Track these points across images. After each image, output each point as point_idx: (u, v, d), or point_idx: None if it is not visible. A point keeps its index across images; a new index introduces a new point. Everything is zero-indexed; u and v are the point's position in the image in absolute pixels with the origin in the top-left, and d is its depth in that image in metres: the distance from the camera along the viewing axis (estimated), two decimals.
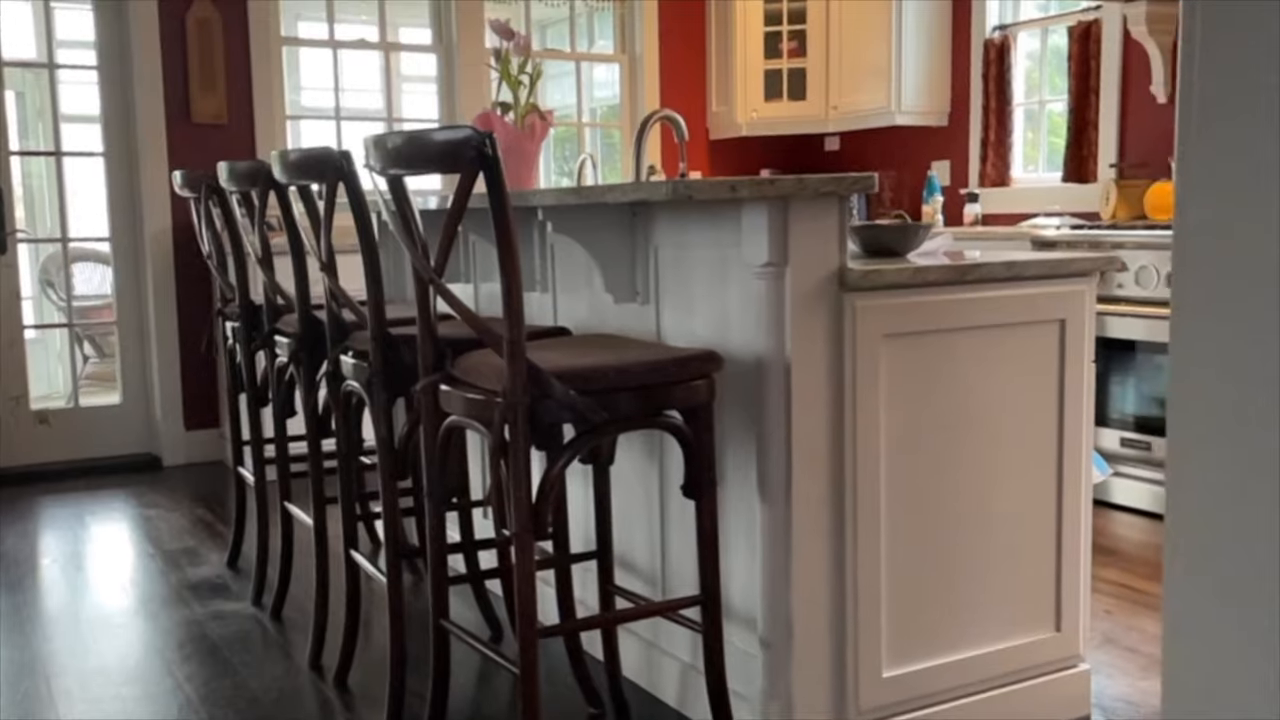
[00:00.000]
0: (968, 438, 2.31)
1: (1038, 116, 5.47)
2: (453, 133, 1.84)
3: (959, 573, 2.34)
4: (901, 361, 2.22)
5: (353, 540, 2.72)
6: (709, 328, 2.38)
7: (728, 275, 2.30)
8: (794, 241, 2.10)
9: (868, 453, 2.20)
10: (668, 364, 2.02)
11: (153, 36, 5.05)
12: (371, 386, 2.41)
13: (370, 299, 2.37)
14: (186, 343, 5.25)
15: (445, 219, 1.90)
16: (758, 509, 2.21)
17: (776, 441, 2.15)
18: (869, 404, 2.18)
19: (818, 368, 2.14)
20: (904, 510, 2.26)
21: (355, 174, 2.34)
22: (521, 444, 1.92)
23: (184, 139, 5.15)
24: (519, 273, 1.89)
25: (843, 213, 2.14)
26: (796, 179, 2.04)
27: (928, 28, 5.63)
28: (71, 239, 5.36)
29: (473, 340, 2.34)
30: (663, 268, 2.53)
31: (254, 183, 2.84)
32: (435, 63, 5.84)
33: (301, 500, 3.88)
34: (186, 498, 4.70)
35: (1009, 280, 2.30)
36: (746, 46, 6.07)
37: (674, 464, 2.53)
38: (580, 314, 2.87)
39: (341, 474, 2.69)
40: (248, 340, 3.31)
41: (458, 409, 2.09)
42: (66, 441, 5.19)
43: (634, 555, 2.71)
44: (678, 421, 2.07)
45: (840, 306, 2.15)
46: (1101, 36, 4.91)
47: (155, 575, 3.66)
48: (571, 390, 1.93)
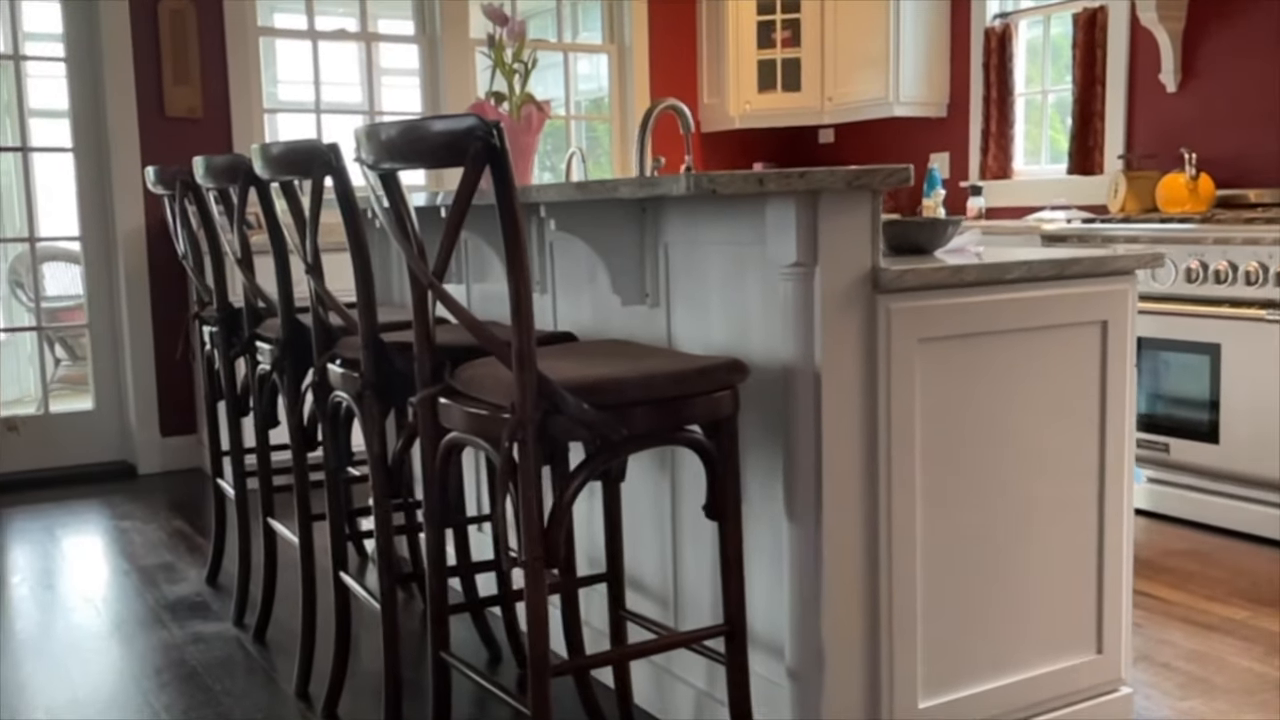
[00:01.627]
0: (1006, 449, 2.15)
1: (1040, 107, 5.32)
2: (455, 122, 1.66)
3: (998, 594, 2.18)
4: (937, 368, 2.05)
5: (342, 561, 2.54)
6: (726, 332, 2.21)
7: (747, 275, 2.14)
8: (824, 239, 1.93)
9: (902, 467, 2.03)
10: (690, 374, 1.85)
11: (123, 27, 4.84)
12: (363, 398, 2.23)
13: (361, 303, 2.19)
14: (161, 346, 5.04)
15: (447, 218, 1.72)
16: (784, 529, 2.04)
17: (805, 456, 1.98)
18: (903, 415, 2.02)
19: (849, 376, 1.97)
20: (940, 528, 2.10)
21: (344, 169, 2.16)
22: (532, 465, 1.74)
23: (157, 133, 4.94)
24: (528, 275, 1.71)
25: (876, 208, 1.98)
26: (828, 171, 1.87)
27: (926, 16, 5.48)
28: (40, 238, 5.15)
29: (472, 348, 2.16)
30: (674, 267, 2.36)
31: (233, 179, 2.65)
32: (417, 54, 5.65)
33: (285, 514, 3.69)
34: (163, 508, 4.50)
35: (1051, 280, 2.14)
36: (739, 36, 5.90)
37: (687, 478, 2.36)
38: (583, 317, 2.70)
39: (330, 490, 2.51)
40: (227, 346, 3.12)
41: (459, 424, 1.92)
42: (36, 450, 4.98)
43: (643, 575, 2.54)
44: (700, 437, 1.90)
45: (873, 309, 1.98)
46: (1108, 24, 4.76)
47: (130, 594, 3.47)
48: (585, 404, 1.76)
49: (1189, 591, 3.14)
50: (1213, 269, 3.66)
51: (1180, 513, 3.79)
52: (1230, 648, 2.76)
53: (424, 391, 2.01)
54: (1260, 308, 3.52)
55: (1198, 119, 4.48)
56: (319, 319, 2.47)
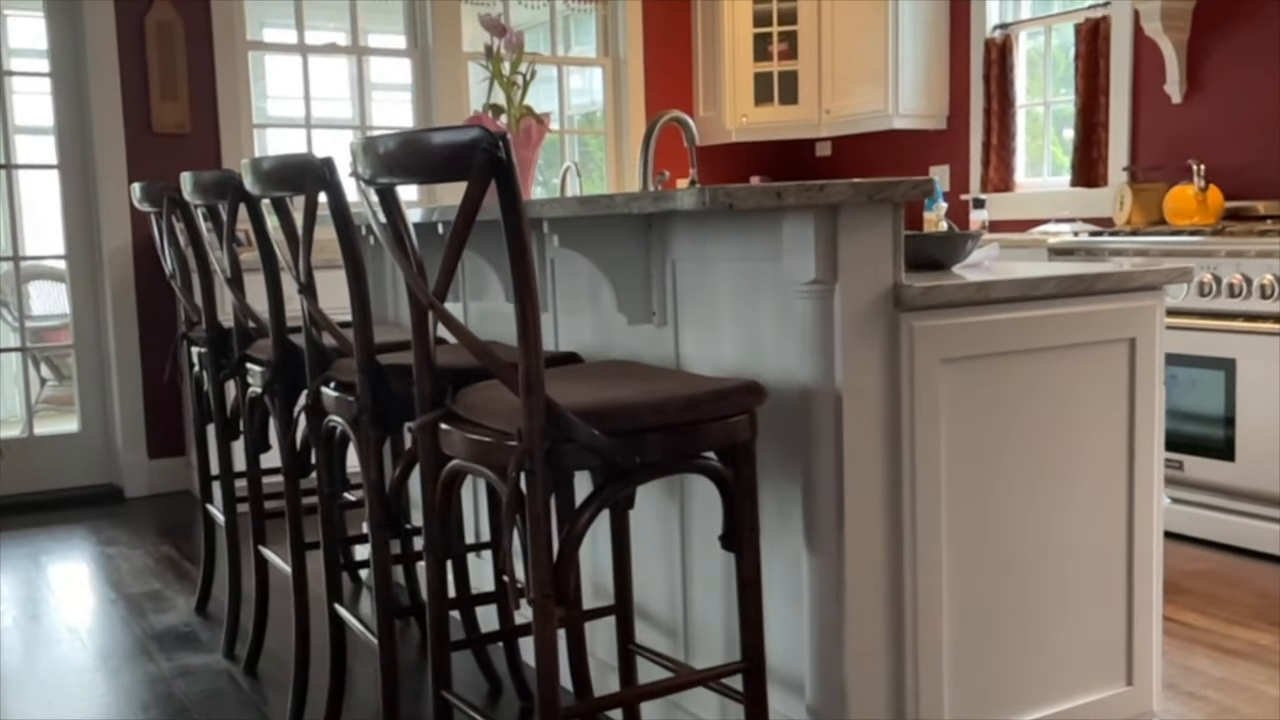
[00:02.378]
0: (1032, 473, 2.06)
1: (1041, 119, 5.25)
2: (458, 133, 1.57)
3: (1025, 624, 2.08)
4: (962, 390, 1.96)
5: (336, 592, 2.43)
6: (738, 353, 2.12)
7: (760, 293, 2.04)
8: (844, 255, 1.84)
9: (926, 494, 1.94)
10: (705, 397, 1.75)
11: (109, 40, 4.74)
12: (358, 423, 2.13)
13: (357, 325, 2.09)
14: (149, 366, 4.93)
15: (450, 234, 1.62)
16: (803, 559, 1.95)
17: (825, 483, 1.89)
18: (927, 438, 1.93)
19: (871, 398, 1.88)
20: (966, 557, 2.00)
21: (339, 184, 2.06)
22: (541, 496, 1.65)
23: (144, 149, 4.84)
24: (536, 294, 1.62)
25: (897, 222, 1.89)
26: (848, 183, 1.78)
27: (925, 27, 5.41)
28: (24, 256, 5.03)
29: (474, 370, 2.07)
30: (682, 285, 2.26)
31: (222, 195, 2.56)
32: (410, 68, 5.56)
33: (277, 540, 3.58)
34: (150, 532, 4.38)
35: (1078, 296, 2.05)
36: (735, 49, 5.82)
37: (697, 504, 2.26)
38: (585, 336, 2.60)
39: (323, 519, 2.41)
40: (216, 368, 3.02)
41: (461, 452, 1.82)
42: (20, 473, 4.86)
43: (651, 605, 2.43)
44: (715, 464, 1.80)
45: (895, 328, 1.89)
46: (1111, 34, 4.70)
47: (116, 624, 3.35)
48: (595, 431, 1.66)
49: (1211, 615, 3.05)
50: (1226, 282, 3.58)
51: (1196, 532, 3.70)
52: (1259, 675, 2.66)
53: (424, 417, 1.91)
54: (1275, 321, 3.44)
55: (1204, 130, 4.41)
56: (312, 340, 2.37)
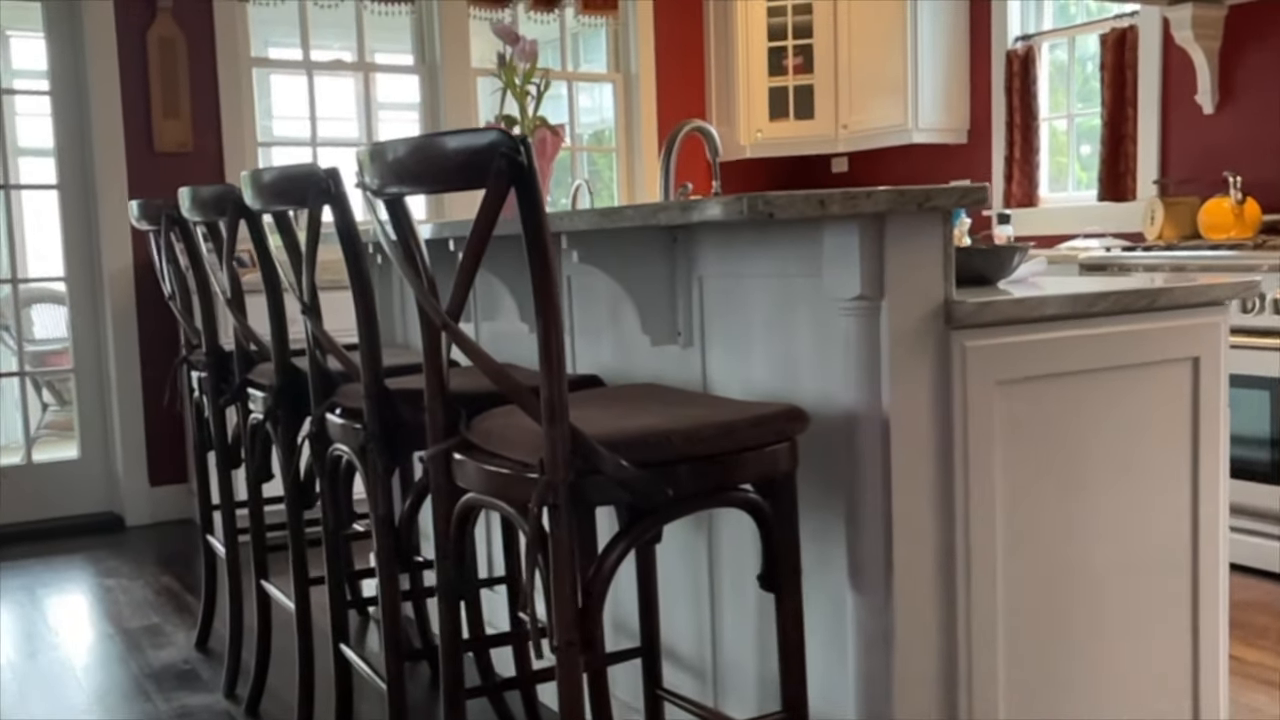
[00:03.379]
0: (1092, 504, 1.91)
1: (1065, 132, 5.12)
2: (474, 137, 1.43)
3: (1086, 664, 1.93)
4: (1017, 414, 1.81)
5: (342, 632, 2.28)
6: (771, 375, 1.97)
7: (796, 310, 1.90)
8: (891, 268, 1.70)
9: (981, 527, 1.79)
10: (742, 425, 1.61)
11: (110, 56, 4.62)
12: (366, 452, 1.99)
13: (364, 347, 1.95)
14: (150, 391, 4.79)
15: (466, 247, 1.48)
16: (848, 600, 1.80)
17: (872, 516, 1.74)
18: (982, 467, 1.78)
19: (921, 424, 1.73)
20: (1024, 594, 1.85)
21: (344, 196, 1.93)
22: (566, 533, 1.50)
23: (146, 169, 4.72)
24: (559, 312, 1.48)
25: (948, 233, 1.74)
26: (896, 190, 1.64)
27: (944, 39, 5.28)
28: (22, 279, 4.91)
29: (490, 395, 1.92)
30: (710, 303, 2.12)
31: (221, 211, 2.42)
32: (417, 85, 5.44)
33: (280, 573, 3.43)
34: (151, 563, 4.24)
35: (1140, 312, 1.90)
36: (749, 63, 5.70)
37: (727, 535, 2.11)
38: (604, 358, 2.46)
39: (328, 554, 2.26)
40: (216, 393, 2.88)
41: (477, 484, 1.68)
42: (18, 501, 4.72)
43: (677, 643, 2.28)
44: (753, 497, 1.66)
45: (946, 348, 1.75)
46: (1138, 44, 4.56)
47: (114, 661, 3.20)
48: (624, 462, 1.52)
49: (1264, 649, 2.89)
50: (1270, 298, 3.43)
51: (1241, 559, 3.54)
52: None
53: (436, 446, 1.77)
54: None
55: (1237, 141, 4.27)
56: (316, 363, 2.24)
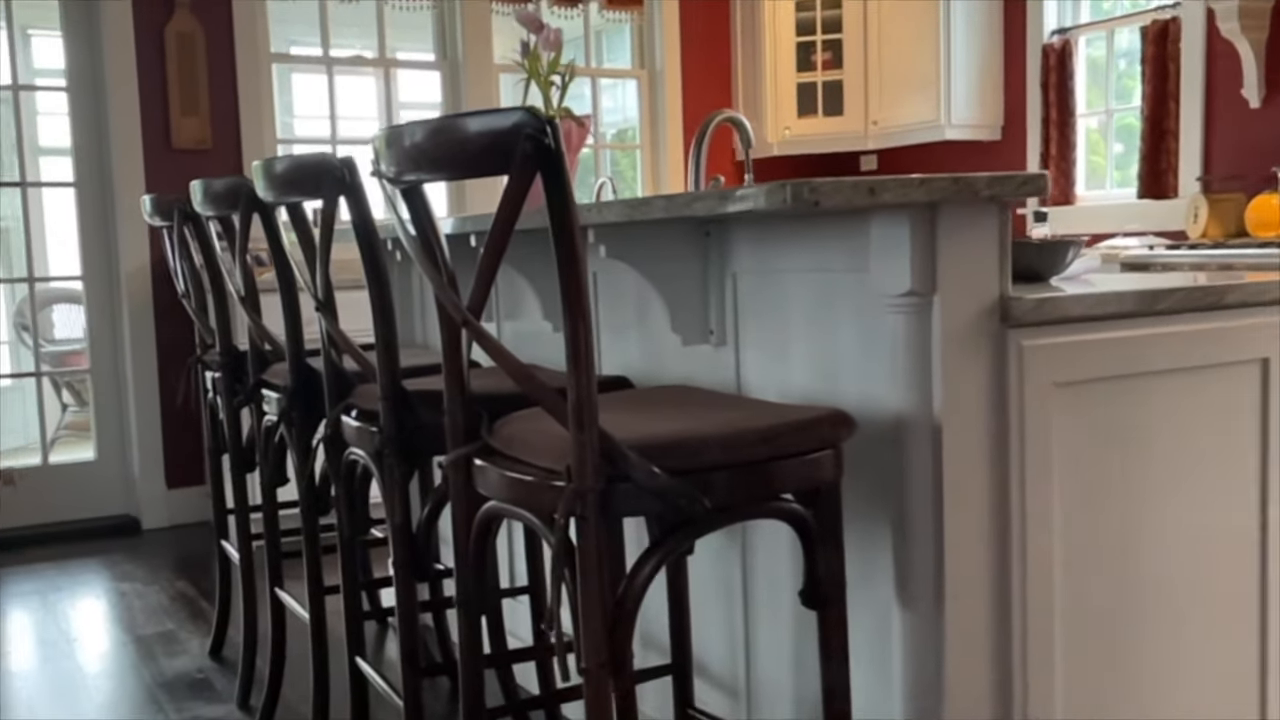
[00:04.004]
0: (1155, 511, 1.79)
1: (1103, 128, 4.98)
2: (498, 118, 1.33)
3: (1148, 684, 1.81)
4: (1077, 418, 1.69)
5: (358, 644, 2.18)
6: (810, 377, 1.86)
7: (838, 307, 1.79)
8: (944, 262, 1.58)
9: (1038, 538, 1.67)
10: (784, 430, 1.50)
11: (127, 51, 4.55)
12: (382, 457, 1.89)
13: (380, 348, 1.85)
14: (167, 391, 4.72)
15: (488, 238, 1.38)
16: (895, 616, 1.68)
17: (920, 527, 1.63)
18: (1039, 475, 1.66)
19: (974, 428, 1.62)
20: (1084, 609, 1.73)
21: (360, 186, 1.83)
22: (595, 546, 1.39)
23: (163, 166, 4.64)
24: (588, 309, 1.37)
25: (1005, 224, 1.63)
26: (952, 178, 1.52)
27: (978, 33, 5.15)
28: (39, 278, 4.85)
29: (513, 398, 1.82)
30: (744, 300, 2.01)
31: (234, 204, 2.33)
32: (439, 82, 5.35)
33: (296, 578, 3.34)
34: (166, 567, 4.16)
35: (1207, 310, 1.78)
36: (777, 59, 5.58)
37: (762, 544, 2.00)
38: (631, 358, 2.35)
39: (343, 563, 2.16)
40: (230, 394, 2.79)
41: (499, 492, 1.57)
42: (34, 503, 4.65)
43: (708, 658, 2.17)
44: (795, 508, 1.54)
45: (1002, 348, 1.63)
46: (1181, 36, 4.42)
47: (127, 669, 3.12)
48: (656, 469, 1.41)
49: None
50: None
51: None
52: None
53: (456, 451, 1.67)
54: None
55: None
56: (331, 363, 2.14)
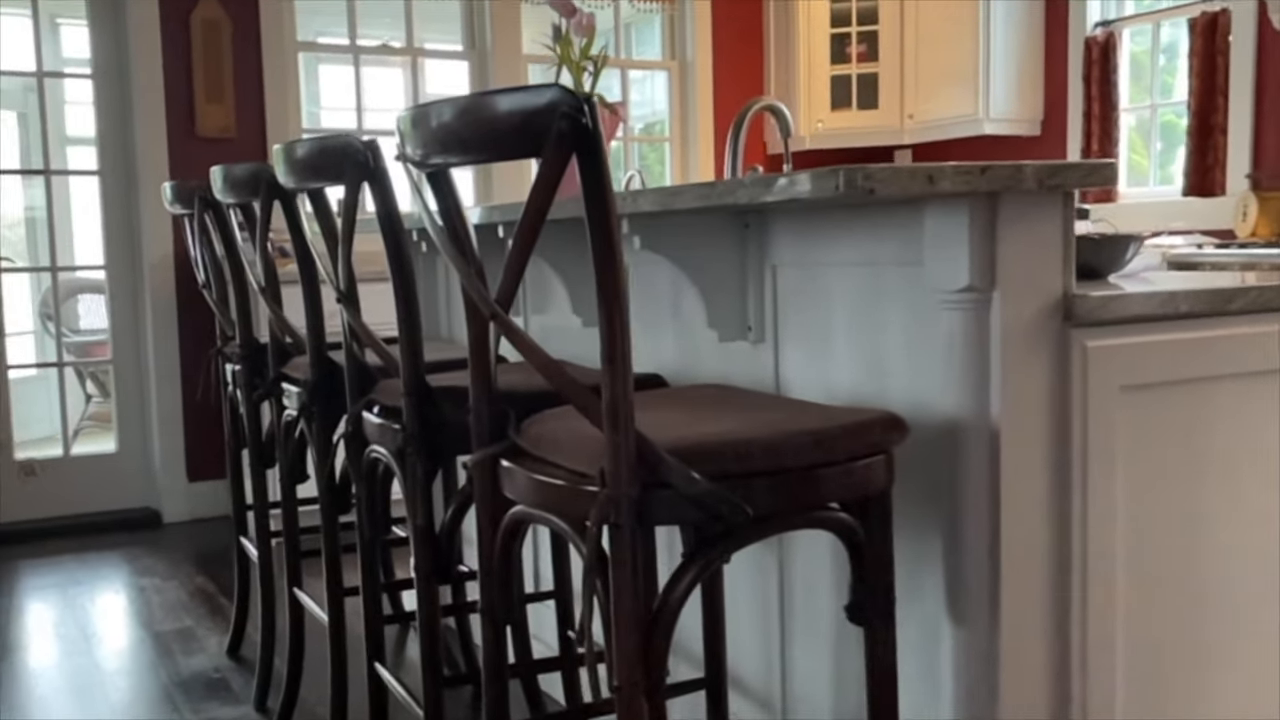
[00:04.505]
0: (1226, 524, 1.68)
1: (1147, 123, 4.84)
2: (531, 95, 1.23)
3: (1215, 702, 1.70)
4: (1143, 424, 1.59)
5: (378, 649, 2.10)
6: (855, 377, 1.76)
7: (887, 303, 1.69)
8: (1005, 256, 1.48)
9: (1101, 551, 1.57)
10: (833, 434, 1.40)
11: (153, 39, 4.49)
12: (405, 456, 1.80)
13: (404, 340, 1.77)
14: (190, 384, 4.66)
15: (519, 224, 1.29)
16: (945, 632, 1.58)
17: (975, 538, 1.52)
18: (1102, 483, 1.56)
19: (1034, 434, 1.51)
20: (1149, 629, 1.63)
21: (384, 171, 1.74)
22: (629, 556, 1.30)
23: (187, 153, 4.58)
24: (625, 303, 1.28)
25: (1069, 216, 1.52)
26: (1015, 165, 1.42)
27: (1018, 25, 5.02)
28: (61, 267, 4.79)
29: (542, 395, 1.73)
30: (785, 295, 1.91)
31: (255, 191, 2.25)
32: (466, 72, 5.27)
33: (316, 575, 3.27)
34: (187, 561, 4.09)
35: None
36: (811, 50, 5.47)
37: (801, 552, 1.90)
38: (665, 356, 2.26)
39: (363, 565, 2.08)
40: (250, 387, 2.71)
41: (527, 496, 1.48)
42: (55, 495, 4.60)
43: (742, 670, 2.08)
44: (844, 517, 1.45)
45: (1065, 348, 1.53)
46: (1230, 29, 4.29)
47: (144, 668, 3.05)
48: (696, 474, 1.31)
49: None
50: None
51: None
52: None
53: (482, 451, 1.58)
54: None
55: None
56: (353, 357, 2.05)
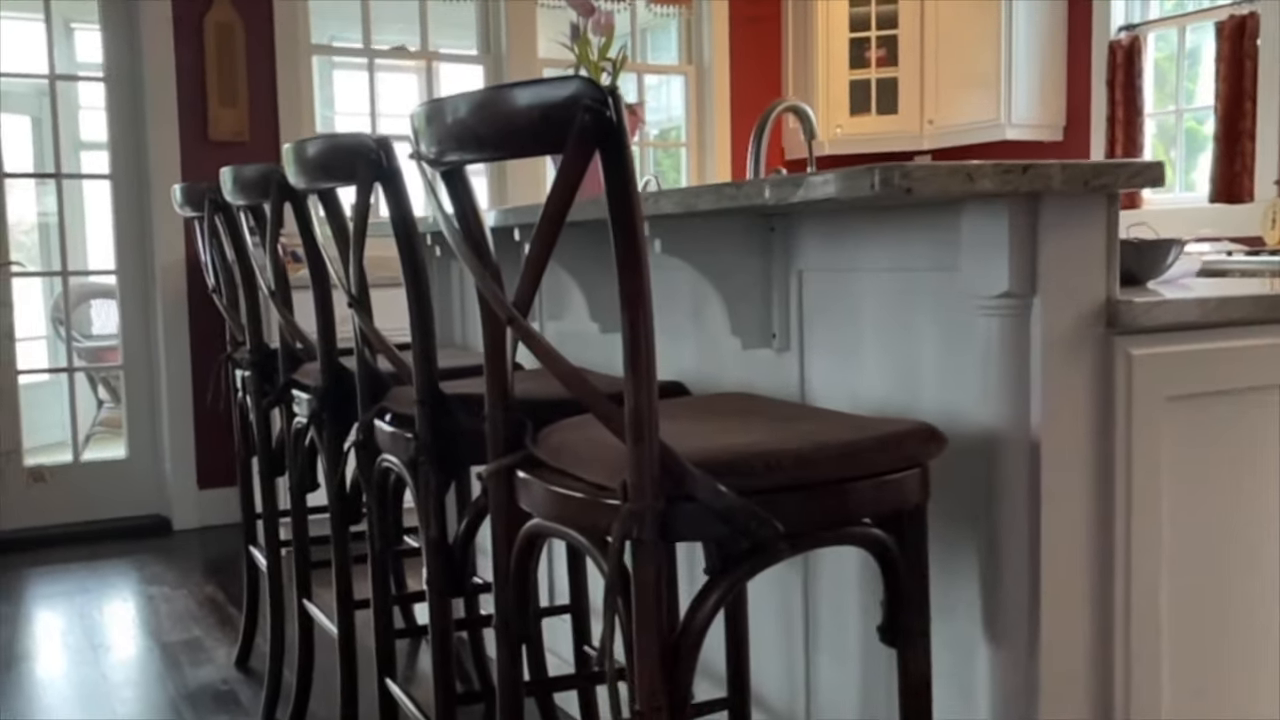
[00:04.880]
0: (1278, 545, 1.61)
1: (1172, 128, 4.76)
2: (551, 88, 1.17)
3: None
4: (1191, 437, 1.52)
5: (389, 665, 2.04)
6: (885, 386, 1.69)
7: (919, 309, 1.62)
8: (1046, 260, 1.41)
9: (1145, 568, 1.49)
10: (867, 446, 1.33)
11: (165, 41, 4.44)
12: (417, 466, 1.74)
13: (417, 347, 1.70)
14: (200, 389, 4.61)
15: (539, 224, 1.22)
16: (981, 653, 1.51)
17: (1015, 554, 1.45)
18: (1148, 498, 1.49)
19: (1076, 447, 1.44)
20: (1197, 653, 1.55)
21: (398, 171, 1.68)
22: (652, 574, 1.23)
23: (200, 158, 4.53)
24: (649, 307, 1.21)
25: (1113, 218, 1.46)
26: (1059, 164, 1.35)
27: (1041, 29, 4.95)
28: (72, 272, 4.75)
29: (560, 403, 1.66)
30: (811, 301, 1.85)
31: (265, 192, 2.19)
32: (481, 76, 5.22)
33: (326, 584, 3.21)
34: (196, 570, 4.04)
35: None
36: (829, 55, 5.41)
37: (826, 568, 1.84)
38: (684, 363, 2.20)
39: (374, 578, 2.02)
40: (259, 394, 2.66)
41: (544, 509, 1.41)
42: (64, 502, 4.55)
43: (765, 690, 2.01)
44: (877, 533, 1.38)
45: (1109, 356, 1.46)
46: (1259, 33, 4.21)
47: (151, 680, 2.99)
48: (723, 487, 1.25)
49: None
50: None
51: None
52: None
53: (497, 461, 1.51)
54: None
55: None
56: (365, 363, 1.99)
